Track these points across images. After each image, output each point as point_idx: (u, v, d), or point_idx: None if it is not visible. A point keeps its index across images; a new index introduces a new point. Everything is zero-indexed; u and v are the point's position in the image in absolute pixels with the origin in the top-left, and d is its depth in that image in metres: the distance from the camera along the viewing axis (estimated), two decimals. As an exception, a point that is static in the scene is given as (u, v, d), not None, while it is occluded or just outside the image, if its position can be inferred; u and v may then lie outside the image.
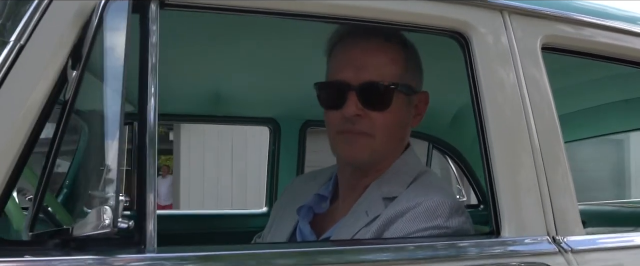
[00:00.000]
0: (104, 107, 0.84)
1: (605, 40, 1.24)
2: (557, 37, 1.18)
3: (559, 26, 1.19)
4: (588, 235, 1.14)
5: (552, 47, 1.18)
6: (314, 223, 1.23)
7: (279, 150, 2.30)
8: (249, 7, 0.99)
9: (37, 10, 0.84)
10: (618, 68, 1.41)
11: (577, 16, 1.21)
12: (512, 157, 1.09)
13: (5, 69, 0.80)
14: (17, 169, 0.80)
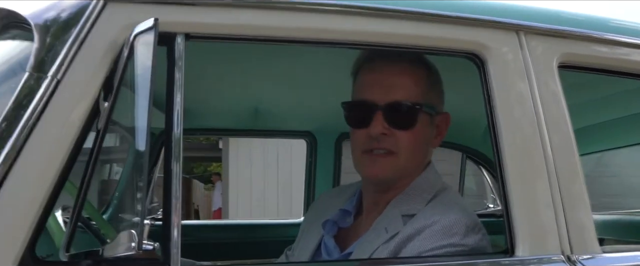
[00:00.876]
0: (131, 134, 0.88)
1: (623, 57, 1.20)
2: (574, 55, 1.16)
3: (576, 44, 1.16)
4: (605, 253, 1.10)
5: (569, 65, 1.15)
6: (338, 237, 1.24)
7: (315, 162, 2.33)
8: (268, 36, 1.02)
9: (72, 46, 0.89)
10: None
11: (594, 34, 1.18)
12: (527, 175, 1.06)
13: (43, 102, 0.85)
14: (55, 192, 0.84)
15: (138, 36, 0.88)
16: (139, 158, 0.84)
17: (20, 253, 0.80)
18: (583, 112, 1.92)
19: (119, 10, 0.93)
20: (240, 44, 1.29)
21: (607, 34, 1.19)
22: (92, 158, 0.87)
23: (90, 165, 0.87)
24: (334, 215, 1.26)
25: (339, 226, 1.25)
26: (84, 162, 0.90)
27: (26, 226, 0.80)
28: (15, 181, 0.81)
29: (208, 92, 1.90)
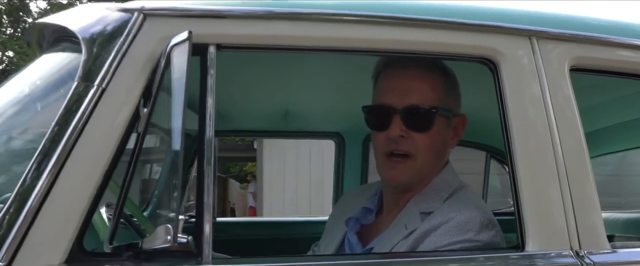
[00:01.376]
0: (168, 137, 0.94)
1: (634, 59, 1.19)
2: (586, 58, 1.16)
3: (587, 48, 1.16)
4: (614, 249, 1.10)
5: (581, 68, 1.16)
6: (361, 233, 1.27)
7: (344, 161, 2.37)
8: (294, 45, 1.07)
9: (115, 57, 0.95)
10: None
11: (605, 37, 1.17)
12: (538, 175, 1.07)
13: (90, 109, 0.92)
14: (100, 190, 0.91)
15: (174, 47, 0.94)
16: (174, 159, 0.90)
17: (69, 246, 0.87)
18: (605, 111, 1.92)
19: (157, 23, 1.00)
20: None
21: (618, 37, 1.19)
22: (133, 159, 0.93)
23: (132, 166, 0.93)
24: (356, 213, 1.30)
25: (361, 223, 1.29)
26: (126, 162, 0.97)
27: (75, 222, 0.87)
28: (65, 180, 0.88)
29: (241, 96, 1.94)
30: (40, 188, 0.87)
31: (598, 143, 2.31)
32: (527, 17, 1.17)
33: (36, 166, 0.88)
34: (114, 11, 1.01)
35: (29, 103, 1.09)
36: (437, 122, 1.19)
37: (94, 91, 0.93)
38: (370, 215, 1.29)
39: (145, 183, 2.53)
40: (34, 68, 1.14)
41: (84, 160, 0.90)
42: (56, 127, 0.91)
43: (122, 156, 0.94)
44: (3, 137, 1.08)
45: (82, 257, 0.88)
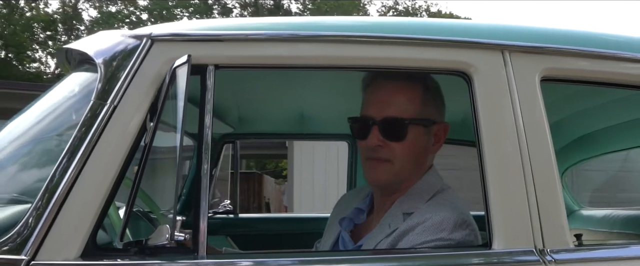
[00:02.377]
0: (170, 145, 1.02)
1: (603, 69, 1.20)
2: (556, 69, 1.17)
3: (557, 59, 1.17)
4: (577, 247, 1.12)
5: (551, 78, 1.18)
6: (354, 231, 1.33)
7: (356, 161, 2.42)
8: (281, 64, 1.13)
9: (126, 79, 1.04)
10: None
11: (575, 48, 1.18)
12: (505, 180, 1.09)
13: (104, 123, 1.01)
14: (112, 193, 0.99)
15: (177, 68, 1.02)
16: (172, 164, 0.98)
17: (84, 242, 0.95)
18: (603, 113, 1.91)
19: (163, 47, 1.07)
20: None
21: (587, 48, 1.20)
22: (141, 167, 1.01)
23: (139, 172, 1.00)
24: (350, 213, 1.36)
25: (354, 222, 1.34)
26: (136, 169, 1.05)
27: (89, 222, 0.96)
28: (82, 185, 0.97)
29: (261, 102, 2.02)
30: (61, 191, 0.96)
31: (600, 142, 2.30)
32: (499, 32, 1.20)
33: (57, 172, 0.97)
34: (126, 37, 1.10)
35: (56, 116, 1.18)
36: (414, 132, 1.23)
37: (107, 108, 1.02)
38: (362, 215, 1.35)
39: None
40: (62, 86, 1.24)
41: (97, 169, 0.98)
42: (76, 138, 1.00)
43: (130, 165, 1.02)
44: (32, 145, 1.17)
45: (96, 252, 0.96)
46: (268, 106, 2.10)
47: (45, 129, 1.18)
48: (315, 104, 2.10)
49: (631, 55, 1.21)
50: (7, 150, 1.15)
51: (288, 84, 1.75)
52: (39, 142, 1.17)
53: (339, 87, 1.82)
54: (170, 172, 1.03)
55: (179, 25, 1.14)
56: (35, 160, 1.15)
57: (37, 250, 0.93)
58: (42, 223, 0.94)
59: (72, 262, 0.94)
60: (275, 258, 1.04)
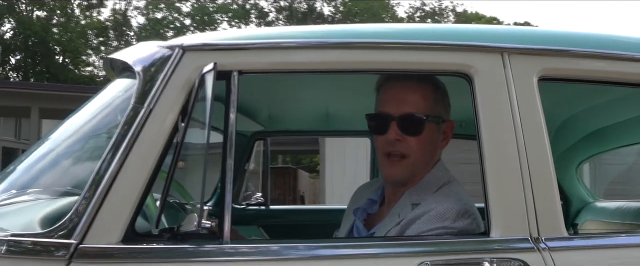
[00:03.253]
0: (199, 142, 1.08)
1: (599, 68, 1.20)
2: (553, 69, 1.18)
3: (554, 60, 1.18)
4: (570, 235, 1.12)
5: (548, 78, 1.18)
6: (367, 221, 1.38)
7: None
8: (298, 69, 1.18)
9: (160, 85, 1.10)
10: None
11: (570, 49, 1.18)
12: (503, 173, 1.11)
13: (141, 124, 1.08)
14: (148, 186, 1.06)
15: (205, 75, 1.08)
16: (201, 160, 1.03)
17: (124, 229, 1.02)
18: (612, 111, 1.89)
19: (193, 56, 1.13)
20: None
21: (582, 49, 1.19)
22: (174, 162, 1.06)
23: (172, 167, 1.06)
24: (363, 204, 1.40)
25: (367, 212, 1.39)
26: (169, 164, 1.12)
27: (129, 210, 1.03)
28: (123, 177, 1.04)
29: (288, 102, 2.07)
30: (105, 183, 1.03)
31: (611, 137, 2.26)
32: (498, 35, 1.21)
33: (102, 166, 1.05)
34: (161, 47, 1.16)
35: (102, 117, 1.25)
36: (428, 128, 1.27)
37: (144, 110, 1.09)
38: (374, 205, 1.39)
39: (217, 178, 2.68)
40: (106, 91, 1.32)
41: (136, 164, 1.06)
42: (118, 137, 1.07)
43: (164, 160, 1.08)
44: (82, 143, 1.25)
45: (134, 237, 1.03)
46: (295, 106, 2.15)
47: (93, 129, 1.25)
48: (339, 104, 2.13)
49: (625, 55, 1.20)
50: (61, 148, 1.24)
51: (313, 86, 1.79)
52: (87, 140, 1.25)
53: (360, 87, 1.86)
54: (199, 166, 1.09)
55: (207, 36, 1.21)
56: (84, 155, 1.23)
57: (84, 235, 1.01)
58: (88, 211, 1.01)
59: (114, 246, 1.01)
60: (293, 243, 1.09)
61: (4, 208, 1.15)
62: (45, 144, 1.28)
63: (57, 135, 1.28)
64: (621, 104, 1.75)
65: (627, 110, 1.84)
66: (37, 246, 1.01)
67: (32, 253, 1.00)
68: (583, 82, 1.21)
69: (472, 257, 1.05)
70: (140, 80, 1.13)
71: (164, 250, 1.04)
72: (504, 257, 1.04)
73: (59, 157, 1.24)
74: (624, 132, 2.11)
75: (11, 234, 1.02)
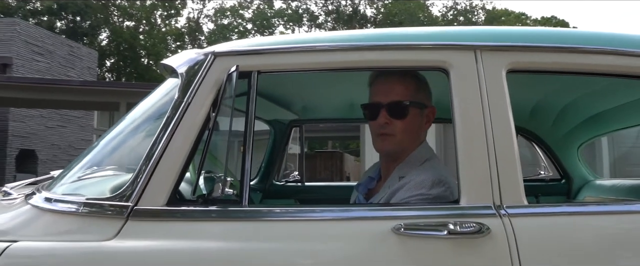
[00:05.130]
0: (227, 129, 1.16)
1: (560, 60, 1.20)
2: (520, 63, 1.19)
3: (520, 55, 1.19)
4: (529, 204, 1.12)
5: (516, 70, 1.20)
6: (368, 194, 1.46)
7: None
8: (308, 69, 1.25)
9: (196, 83, 1.21)
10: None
11: (534, 45, 1.19)
12: (473, 151, 1.13)
13: (181, 115, 1.18)
14: (187, 161, 1.16)
15: (229, 75, 1.19)
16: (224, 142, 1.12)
17: (169, 194, 1.13)
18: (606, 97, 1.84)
19: (222, 60, 1.23)
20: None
21: (545, 44, 1.19)
22: (206, 143, 1.17)
23: (205, 147, 1.17)
24: (364, 181, 1.49)
25: (367, 187, 1.47)
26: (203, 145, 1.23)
27: (172, 180, 1.14)
28: (168, 155, 1.15)
29: (318, 95, 2.13)
30: (155, 158, 1.14)
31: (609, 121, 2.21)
32: (472, 35, 1.24)
33: (154, 146, 1.15)
34: (198, 54, 1.27)
35: (156, 108, 1.36)
36: (412, 112, 1.33)
37: (184, 103, 1.19)
38: (373, 181, 1.47)
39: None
40: (160, 88, 1.43)
41: (178, 144, 1.16)
42: (166, 124, 1.18)
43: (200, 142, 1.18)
44: (141, 127, 1.34)
45: (176, 201, 1.13)
46: (324, 97, 2.21)
47: (148, 117, 1.36)
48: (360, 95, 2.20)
49: (581, 48, 1.20)
50: (124, 133, 1.37)
51: (338, 81, 1.85)
52: (144, 125, 1.36)
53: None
54: (223, 147, 1.16)
55: (232, 44, 1.30)
56: (141, 138, 1.33)
57: (138, 199, 1.12)
58: (142, 181, 1.14)
59: (160, 208, 1.12)
60: (296, 207, 1.19)
61: (83, 180, 1.30)
62: (114, 130, 1.41)
63: (122, 123, 1.40)
64: (615, 91, 1.72)
65: (620, 96, 1.81)
66: (104, 207, 1.13)
67: (100, 213, 1.13)
68: (547, 73, 1.22)
69: (440, 221, 1.08)
70: (183, 80, 1.24)
71: (197, 212, 1.13)
72: (468, 221, 1.06)
73: (123, 140, 1.36)
74: (620, 116, 2.05)
75: (86, 198, 1.16)
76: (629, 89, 1.68)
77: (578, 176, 2.45)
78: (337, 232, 1.11)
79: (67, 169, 1.36)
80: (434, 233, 1.07)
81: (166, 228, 1.12)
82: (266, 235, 1.11)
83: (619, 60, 1.19)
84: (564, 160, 2.44)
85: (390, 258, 1.06)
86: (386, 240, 1.07)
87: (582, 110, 2.13)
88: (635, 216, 1.12)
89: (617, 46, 1.21)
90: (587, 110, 2.14)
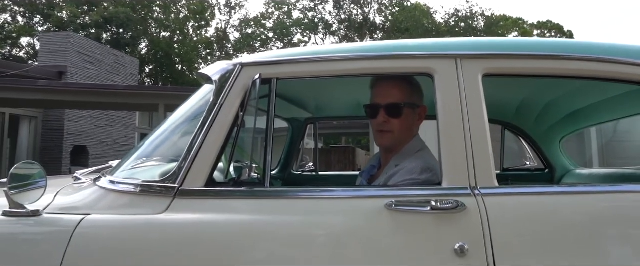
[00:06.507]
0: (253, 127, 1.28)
1: (528, 66, 1.25)
2: (494, 68, 1.25)
3: (494, 62, 1.25)
4: (499, 186, 1.17)
5: (491, 74, 1.26)
6: (370, 180, 1.55)
7: None
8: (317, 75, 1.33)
9: (227, 88, 1.31)
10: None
11: (506, 53, 1.25)
12: (452, 143, 1.19)
13: (216, 115, 1.28)
14: (221, 152, 1.25)
15: (254, 82, 1.29)
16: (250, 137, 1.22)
17: (206, 178, 1.21)
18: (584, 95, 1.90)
19: (247, 70, 1.33)
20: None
21: (515, 52, 1.24)
22: (236, 137, 1.26)
23: (235, 140, 1.26)
24: (367, 168, 1.58)
25: (370, 174, 1.56)
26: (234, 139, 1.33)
27: (209, 166, 1.24)
28: (206, 147, 1.25)
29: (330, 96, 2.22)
30: (195, 149, 1.22)
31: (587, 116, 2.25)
32: (454, 45, 1.30)
33: (194, 139, 1.23)
34: (229, 64, 1.37)
35: (196, 109, 1.40)
36: (406, 112, 1.42)
37: (218, 105, 1.28)
38: (374, 169, 1.57)
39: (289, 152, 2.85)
40: (198, 93, 1.52)
41: (213, 138, 1.24)
42: (203, 121, 1.26)
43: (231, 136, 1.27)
44: (183, 125, 1.41)
45: (211, 184, 1.21)
46: (334, 99, 2.29)
47: (189, 117, 1.43)
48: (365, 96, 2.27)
49: (545, 54, 1.26)
50: (169, 130, 1.47)
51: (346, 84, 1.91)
52: (185, 124, 1.42)
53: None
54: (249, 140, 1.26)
55: (256, 56, 1.39)
56: (183, 134, 1.40)
57: (183, 182, 1.21)
58: (185, 167, 1.22)
59: (200, 188, 1.21)
60: (306, 188, 1.25)
61: (138, 168, 1.43)
62: (160, 128, 1.52)
63: (166, 123, 1.51)
64: (588, 91, 1.77)
65: (594, 95, 1.86)
66: (156, 188, 1.23)
67: (153, 192, 1.23)
68: (518, 76, 1.28)
69: (424, 199, 1.15)
70: (216, 86, 1.33)
71: (229, 191, 1.22)
72: (447, 199, 1.14)
73: (168, 136, 1.47)
74: (595, 112, 2.09)
75: (142, 181, 1.28)
76: (600, 89, 1.73)
77: (560, 166, 2.49)
78: (342, 208, 1.18)
79: (124, 159, 1.50)
80: (419, 209, 1.14)
81: (205, 205, 1.20)
82: (285, 209, 1.18)
83: (571, 65, 1.26)
84: (547, 152, 2.49)
85: (384, 227, 1.14)
86: (381, 213, 1.15)
87: (562, 108, 2.18)
88: (584, 196, 1.20)
89: (574, 53, 1.27)
90: (566, 107, 2.18)
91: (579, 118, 2.30)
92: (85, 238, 1.18)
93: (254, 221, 1.17)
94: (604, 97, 1.86)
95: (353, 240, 1.13)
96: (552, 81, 1.73)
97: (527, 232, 1.12)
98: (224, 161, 1.29)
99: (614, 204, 1.18)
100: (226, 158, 1.28)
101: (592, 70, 1.26)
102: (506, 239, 1.11)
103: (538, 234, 1.12)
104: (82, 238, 1.17)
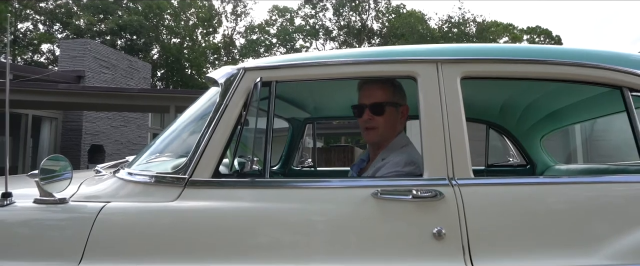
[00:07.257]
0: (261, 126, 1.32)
1: (502, 69, 1.30)
2: (471, 72, 1.30)
3: (471, 66, 1.29)
4: (474, 177, 1.21)
5: (469, 77, 1.31)
6: (360, 172, 1.61)
7: None
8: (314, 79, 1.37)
9: (232, 91, 1.36)
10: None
11: (481, 58, 1.30)
12: (433, 139, 1.24)
13: (222, 115, 1.32)
14: (225, 148, 1.30)
15: (256, 84, 1.34)
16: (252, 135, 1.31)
17: (212, 170, 1.25)
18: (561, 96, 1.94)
19: (250, 74, 1.37)
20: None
21: (490, 57, 1.29)
22: (239, 134, 1.32)
23: (238, 137, 1.32)
24: (357, 162, 1.65)
25: (359, 167, 1.62)
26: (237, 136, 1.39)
27: (215, 160, 1.29)
28: (212, 143, 1.29)
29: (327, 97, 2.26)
30: (203, 145, 1.26)
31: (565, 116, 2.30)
32: (435, 51, 1.35)
33: (202, 136, 1.28)
34: (233, 69, 1.42)
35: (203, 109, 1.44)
36: (388, 110, 1.47)
37: (223, 105, 1.31)
38: (363, 163, 1.62)
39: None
40: (205, 94, 1.56)
41: (219, 135, 1.29)
42: (210, 120, 1.30)
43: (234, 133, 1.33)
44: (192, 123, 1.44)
45: (217, 175, 1.26)
46: (330, 100, 2.33)
47: (197, 116, 1.46)
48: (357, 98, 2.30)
49: (517, 59, 1.30)
50: (179, 128, 1.52)
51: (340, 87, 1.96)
52: (194, 122, 1.45)
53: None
54: (251, 137, 1.33)
55: (258, 61, 1.44)
56: (192, 132, 1.43)
57: (192, 173, 1.25)
58: (194, 160, 1.27)
59: (208, 179, 1.26)
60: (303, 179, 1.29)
61: (152, 162, 1.48)
62: (171, 127, 1.57)
63: (176, 122, 1.50)
64: (564, 92, 1.81)
65: (570, 97, 1.90)
66: (168, 179, 1.28)
67: (166, 183, 1.28)
68: (493, 79, 1.33)
69: (407, 188, 1.19)
70: (222, 88, 1.35)
71: (233, 182, 1.27)
72: (427, 189, 1.18)
73: (178, 133, 1.52)
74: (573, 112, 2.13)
75: (156, 173, 1.33)
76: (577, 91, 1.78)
77: (541, 162, 2.53)
78: (334, 196, 1.23)
79: (140, 154, 1.55)
80: (402, 197, 1.19)
81: (211, 194, 1.25)
82: (283, 198, 1.23)
83: (539, 68, 1.31)
84: (529, 149, 2.52)
85: (370, 213, 1.19)
86: (368, 201, 1.19)
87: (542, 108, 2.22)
88: (551, 186, 1.25)
89: (544, 57, 1.32)
90: (545, 108, 2.21)
91: (558, 118, 2.34)
92: (107, 223, 1.24)
93: (255, 208, 1.22)
94: (580, 97, 1.90)
95: (344, 224, 1.18)
96: (532, 83, 1.76)
97: (499, 218, 1.17)
98: (228, 155, 1.32)
99: (575, 192, 1.24)
100: (231, 152, 1.29)
101: (559, 73, 1.31)
102: (480, 224, 1.16)
103: (509, 219, 1.17)
104: (104, 223, 1.23)
